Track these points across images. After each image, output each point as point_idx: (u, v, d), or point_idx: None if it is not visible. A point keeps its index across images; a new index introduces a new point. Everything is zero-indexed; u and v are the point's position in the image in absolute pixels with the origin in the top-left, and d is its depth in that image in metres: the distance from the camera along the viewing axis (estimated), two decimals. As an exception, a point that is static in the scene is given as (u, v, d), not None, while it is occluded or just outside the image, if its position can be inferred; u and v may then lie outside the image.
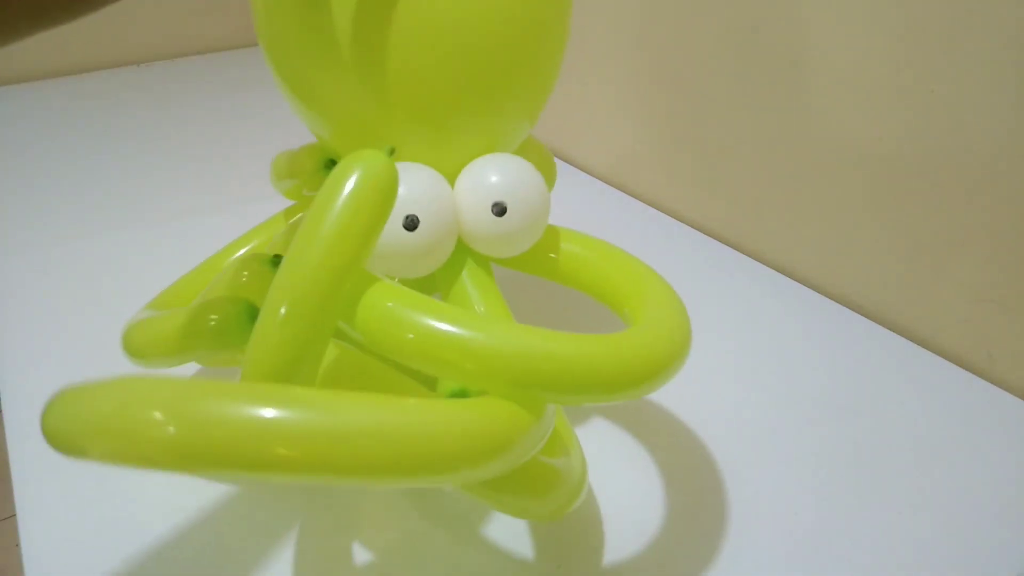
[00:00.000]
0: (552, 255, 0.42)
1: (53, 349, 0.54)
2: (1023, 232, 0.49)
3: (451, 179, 0.39)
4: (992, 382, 0.52)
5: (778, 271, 0.65)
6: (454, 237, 0.38)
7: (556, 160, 0.53)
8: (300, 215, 0.48)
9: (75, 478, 0.43)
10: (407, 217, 0.35)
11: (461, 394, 0.37)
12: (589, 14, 0.76)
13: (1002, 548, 0.40)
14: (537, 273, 0.43)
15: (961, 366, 0.53)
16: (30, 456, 0.45)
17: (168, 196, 0.77)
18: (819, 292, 0.62)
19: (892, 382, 0.52)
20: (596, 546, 0.40)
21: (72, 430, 0.25)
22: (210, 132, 0.93)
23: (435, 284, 0.41)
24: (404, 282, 0.40)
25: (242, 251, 0.47)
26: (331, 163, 0.42)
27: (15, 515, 0.40)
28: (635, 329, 0.34)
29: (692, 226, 0.72)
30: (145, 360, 0.39)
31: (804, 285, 0.63)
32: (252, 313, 0.35)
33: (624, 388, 0.32)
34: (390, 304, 0.31)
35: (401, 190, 0.35)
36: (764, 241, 0.66)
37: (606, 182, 0.81)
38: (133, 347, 0.39)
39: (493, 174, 0.38)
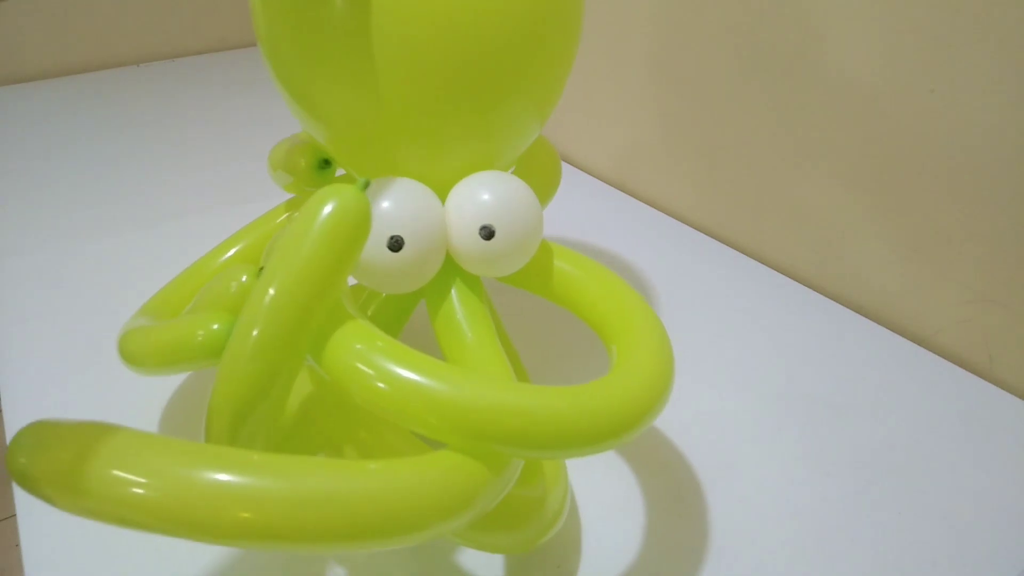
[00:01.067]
0: (544, 274, 0.41)
1: (53, 349, 0.54)
2: (1023, 232, 0.49)
3: (446, 190, 0.38)
4: (992, 382, 0.52)
5: (778, 271, 0.65)
6: (441, 256, 0.37)
7: (556, 160, 0.53)
8: (285, 215, 0.48)
9: (75, 478, 0.43)
10: (391, 238, 0.34)
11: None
12: (591, 16, 0.76)
13: (1002, 548, 0.40)
14: (528, 289, 0.42)
15: (961, 366, 0.53)
16: (30, 456, 0.45)
17: (167, 196, 0.77)
18: (819, 292, 0.62)
19: (892, 382, 0.52)
20: (597, 547, 0.40)
21: (37, 478, 0.25)
22: (209, 132, 0.93)
23: (422, 292, 0.40)
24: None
25: (236, 248, 0.47)
26: (324, 163, 0.42)
27: (15, 515, 0.40)
28: (610, 379, 0.33)
29: (692, 226, 0.72)
30: (140, 368, 0.39)
31: (804, 285, 0.63)
32: None
33: (591, 444, 0.31)
34: (358, 346, 0.30)
35: (387, 207, 0.35)
36: (764, 241, 0.66)
37: (606, 182, 0.81)
38: (129, 355, 0.39)
39: (483, 196, 0.37)
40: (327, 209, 0.30)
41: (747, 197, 0.67)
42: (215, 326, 0.34)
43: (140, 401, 0.48)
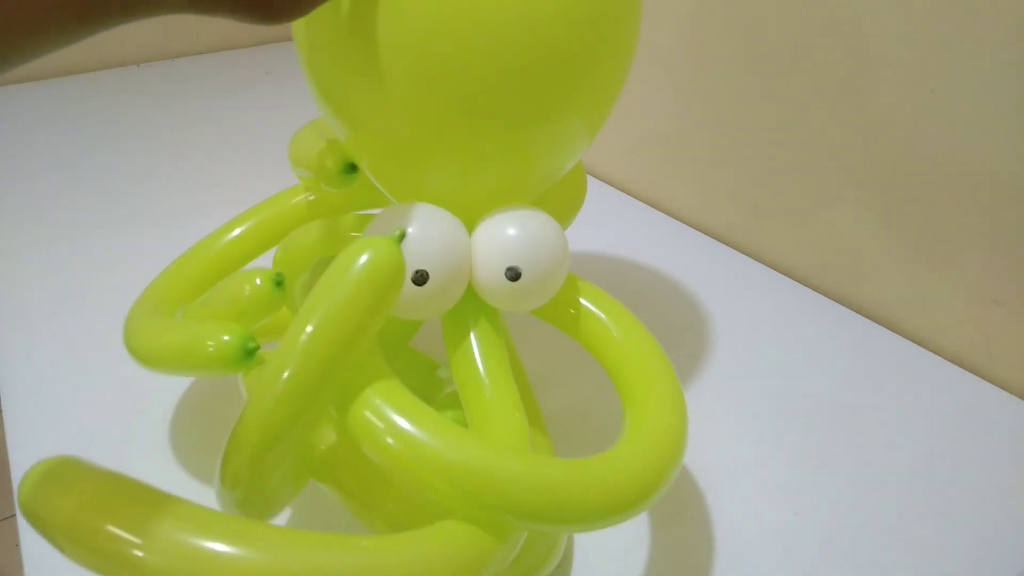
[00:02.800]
0: (570, 312, 0.40)
1: (53, 349, 0.54)
2: (1023, 232, 0.49)
3: (477, 214, 0.36)
4: (992, 382, 0.52)
5: (778, 271, 0.65)
6: (464, 287, 0.36)
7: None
8: (304, 196, 0.48)
9: (75, 478, 0.43)
10: (417, 272, 0.34)
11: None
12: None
13: (1002, 548, 0.40)
14: (552, 323, 0.41)
15: (961, 366, 0.53)
16: (30, 456, 0.45)
17: (167, 196, 0.77)
18: (819, 292, 0.62)
19: (892, 382, 0.52)
20: (595, 547, 0.40)
21: (45, 521, 0.26)
22: (209, 132, 0.93)
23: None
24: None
25: (242, 228, 0.46)
26: (351, 167, 0.41)
27: (15, 515, 0.40)
28: (621, 450, 0.33)
29: (692, 226, 0.72)
30: (149, 366, 0.39)
31: (804, 285, 0.63)
32: (247, 344, 0.34)
33: (598, 519, 0.31)
34: (378, 401, 0.30)
35: (415, 239, 0.34)
36: (764, 241, 0.66)
37: (607, 182, 0.81)
38: (137, 352, 0.39)
39: (511, 236, 0.35)
40: (361, 261, 0.30)
41: (748, 198, 0.67)
42: (226, 338, 0.34)
43: (140, 402, 0.48)
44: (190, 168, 0.83)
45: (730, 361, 0.54)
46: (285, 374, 0.30)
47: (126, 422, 0.47)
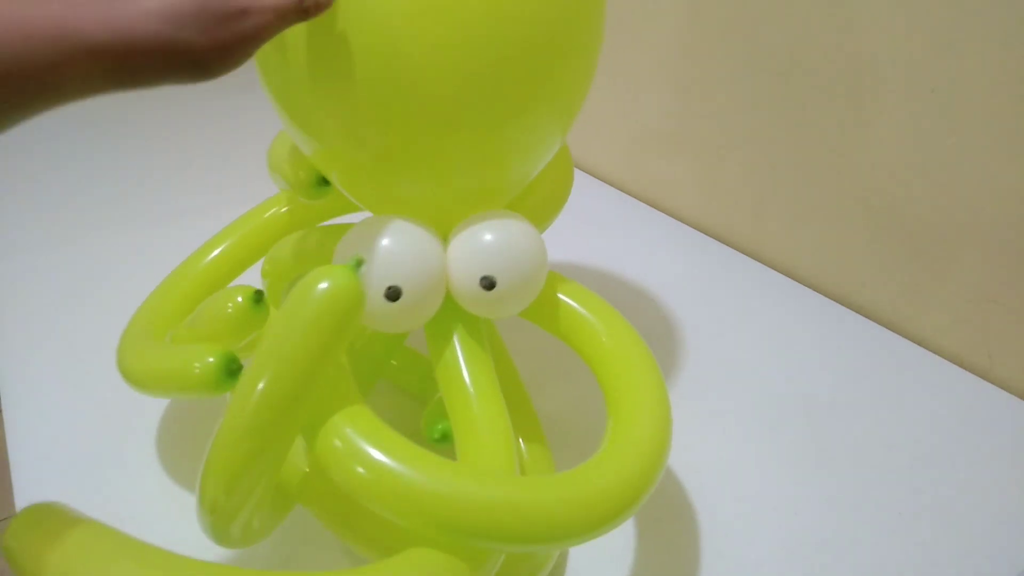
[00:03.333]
0: (560, 315, 0.39)
1: (53, 349, 0.54)
2: (1023, 232, 0.49)
3: (452, 220, 0.36)
4: (992, 382, 0.52)
5: (778, 271, 0.65)
6: (441, 298, 0.36)
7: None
8: (277, 208, 0.48)
9: (74, 481, 0.44)
10: (389, 288, 0.33)
11: (444, 435, 0.37)
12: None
13: (1002, 548, 0.40)
14: (542, 327, 0.40)
15: (961, 366, 0.53)
16: (30, 456, 0.45)
17: (167, 196, 0.77)
18: (819, 292, 0.62)
19: (892, 382, 0.52)
20: (594, 546, 0.40)
21: (25, 570, 0.27)
22: (209, 132, 0.93)
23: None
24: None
25: (221, 248, 0.47)
26: (324, 180, 0.41)
27: (15, 515, 0.40)
28: (596, 464, 0.32)
29: (692, 226, 0.72)
30: (143, 390, 0.40)
31: (804, 285, 0.63)
32: (231, 366, 0.35)
33: (573, 537, 0.31)
34: (348, 430, 0.31)
35: (385, 255, 0.34)
36: (764, 241, 0.66)
37: (605, 181, 0.81)
38: (130, 376, 0.40)
39: (484, 245, 0.35)
40: (318, 291, 0.30)
41: (748, 198, 0.67)
42: (210, 359, 0.35)
43: (139, 402, 0.48)
44: (190, 168, 0.83)
45: (730, 361, 0.54)
46: (251, 404, 0.30)
47: (125, 422, 0.47)
